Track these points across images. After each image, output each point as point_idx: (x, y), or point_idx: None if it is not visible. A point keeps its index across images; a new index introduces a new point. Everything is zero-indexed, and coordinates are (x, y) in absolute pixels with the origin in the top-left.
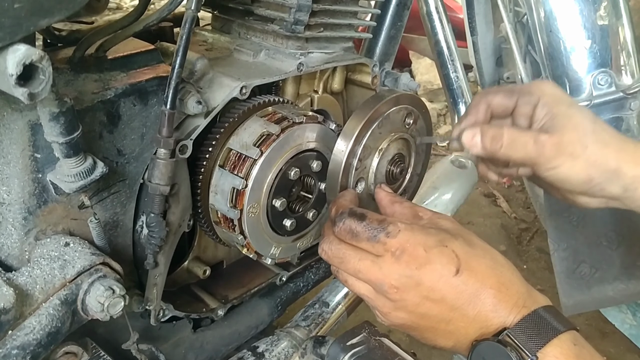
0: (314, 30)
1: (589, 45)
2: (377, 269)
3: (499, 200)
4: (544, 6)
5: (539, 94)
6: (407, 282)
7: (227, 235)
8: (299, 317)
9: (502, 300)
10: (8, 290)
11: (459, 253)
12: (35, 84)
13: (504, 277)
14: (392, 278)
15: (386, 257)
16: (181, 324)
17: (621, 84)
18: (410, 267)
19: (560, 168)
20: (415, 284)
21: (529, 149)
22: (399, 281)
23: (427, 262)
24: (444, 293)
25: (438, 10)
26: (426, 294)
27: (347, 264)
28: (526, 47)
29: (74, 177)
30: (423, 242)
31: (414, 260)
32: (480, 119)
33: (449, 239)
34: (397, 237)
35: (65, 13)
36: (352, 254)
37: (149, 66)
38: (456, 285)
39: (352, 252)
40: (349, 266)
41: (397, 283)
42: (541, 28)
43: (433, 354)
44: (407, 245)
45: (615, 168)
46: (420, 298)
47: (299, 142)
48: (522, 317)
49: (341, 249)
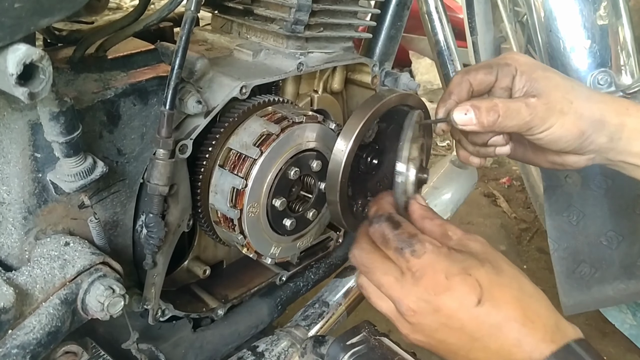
0: (314, 30)
1: (589, 45)
2: (399, 287)
3: (499, 200)
4: (544, 6)
5: (515, 64)
6: (424, 306)
7: (227, 235)
8: (299, 317)
9: (527, 335)
10: (8, 290)
11: (483, 282)
12: (35, 84)
13: (530, 309)
14: (410, 300)
15: (407, 277)
16: (181, 324)
17: (621, 84)
18: (428, 292)
19: (554, 127)
20: (433, 310)
21: (523, 115)
22: (416, 304)
23: (446, 289)
24: (463, 323)
25: (438, 10)
26: (444, 321)
27: (373, 274)
28: (526, 47)
29: (74, 176)
30: (446, 268)
31: (434, 286)
32: (463, 97)
33: (474, 266)
34: (421, 257)
35: (65, 13)
36: (379, 266)
37: (149, 66)
38: (477, 315)
39: (379, 265)
40: (373, 277)
41: (415, 306)
42: (541, 28)
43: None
44: (428, 269)
45: (600, 118)
46: (439, 324)
47: (298, 142)
48: (550, 352)
49: (370, 258)
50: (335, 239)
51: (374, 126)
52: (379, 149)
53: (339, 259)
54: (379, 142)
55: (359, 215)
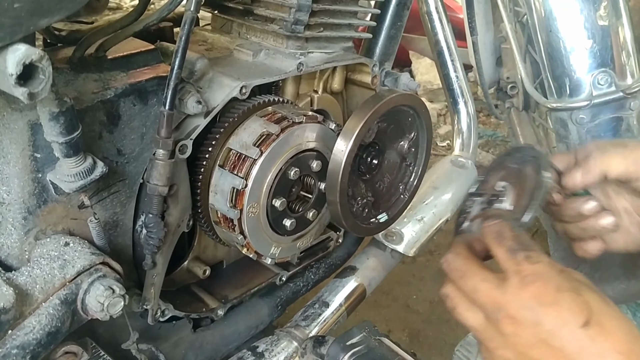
0: (314, 30)
1: (589, 45)
2: (499, 293)
3: None
4: (544, 6)
5: None
6: (526, 316)
7: (227, 235)
8: (299, 317)
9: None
10: (8, 290)
11: (593, 306)
12: (35, 84)
13: (637, 344)
14: (512, 306)
15: (512, 281)
16: (181, 324)
17: (621, 84)
18: (535, 301)
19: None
20: (535, 322)
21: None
22: (518, 312)
23: (554, 303)
24: (564, 343)
25: (438, 10)
26: (544, 337)
27: (468, 279)
28: (526, 47)
29: (73, 176)
30: (558, 282)
31: (541, 296)
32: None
33: (586, 289)
34: (534, 265)
35: (65, 13)
36: (477, 272)
37: (149, 66)
38: (580, 338)
39: (477, 270)
40: (468, 282)
41: (516, 314)
42: (541, 28)
43: (433, 354)
44: (539, 278)
45: None
46: (536, 340)
47: (298, 142)
48: None
49: (467, 263)
50: (335, 239)
51: (374, 126)
52: (379, 149)
53: (339, 259)
54: (379, 142)
55: (359, 215)
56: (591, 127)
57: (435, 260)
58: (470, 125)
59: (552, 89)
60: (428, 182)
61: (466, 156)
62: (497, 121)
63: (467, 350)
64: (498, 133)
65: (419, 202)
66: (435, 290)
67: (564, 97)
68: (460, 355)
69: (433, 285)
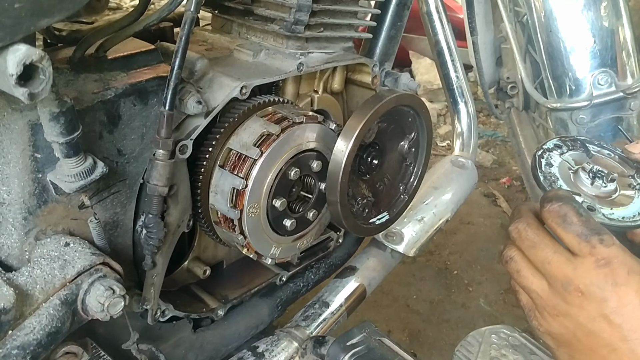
0: (314, 30)
1: (589, 45)
2: (571, 267)
3: (499, 200)
4: (544, 6)
5: None
6: (595, 292)
7: (227, 235)
8: (299, 317)
9: None
10: (8, 290)
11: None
12: (35, 84)
13: None
14: (583, 282)
15: (587, 261)
16: (181, 324)
17: (621, 84)
18: (606, 281)
19: None
20: (602, 299)
21: None
22: (588, 288)
23: (624, 284)
24: (624, 319)
25: (438, 10)
26: (607, 313)
27: (539, 250)
28: (526, 47)
29: (74, 177)
30: (630, 264)
31: (613, 277)
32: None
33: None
34: (609, 247)
35: (65, 13)
36: (549, 243)
37: (149, 66)
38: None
39: (549, 242)
40: (539, 253)
41: (585, 289)
42: (541, 28)
43: (433, 354)
44: (614, 260)
45: None
46: (598, 314)
47: (299, 142)
48: None
49: (540, 234)
50: (335, 239)
51: (374, 126)
52: (380, 149)
53: (339, 259)
54: (380, 142)
55: (359, 215)
56: (591, 127)
57: (435, 260)
58: (470, 125)
59: (552, 89)
60: (428, 182)
61: (466, 156)
62: (497, 121)
63: (467, 350)
64: (498, 133)
65: (419, 202)
66: (435, 290)
67: (564, 97)
68: (460, 355)
69: (433, 285)
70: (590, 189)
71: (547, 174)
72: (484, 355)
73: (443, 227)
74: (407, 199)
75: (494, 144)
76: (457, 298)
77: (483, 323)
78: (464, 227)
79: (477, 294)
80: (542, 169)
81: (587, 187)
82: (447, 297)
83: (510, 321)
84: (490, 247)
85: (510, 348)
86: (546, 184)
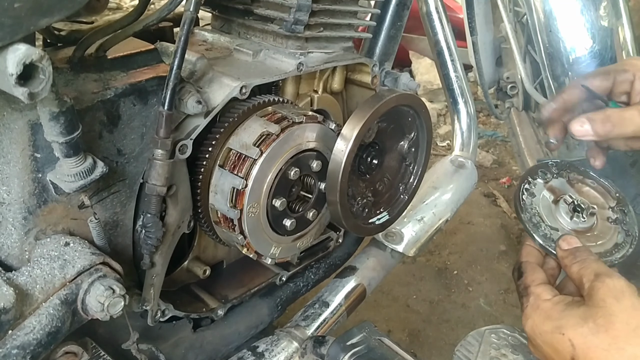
0: (314, 30)
1: (589, 45)
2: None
3: (499, 200)
4: (544, 6)
5: (632, 70)
6: (529, 336)
7: (227, 235)
8: (299, 317)
9: None
10: (8, 290)
11: (577, 343)
12: (35, 84)
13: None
14: (526, 325)
15: None
16: (181, 324)
17: None
18: (530, 333)
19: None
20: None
21: (637, 121)
22: (528, 330)
23: (540, 345)
24: None
25: (438, 10)
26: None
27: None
28: (526, 47)
29: (74, 176)
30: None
31: (531, 336)
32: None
33: (572, 325)
34: (524, 310)
35: (65, 13)
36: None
37: (149, 66)
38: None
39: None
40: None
41: (528, 330)
42: (541, 28)
43: (433, 353)
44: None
45: None
46: None
47: (298, 142)
48: None
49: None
50: (335, 239)
51: (374, 126)
52: (379, 149)
53: (339, 259)
54: (379, 142)
55: (359, 215)
56: None
57: (435, 260)
58: (470, 125)
59: (552, 89)
60: (428, 182)
61: (466, 156)
62: (497, 121)
63: (467, 350)
64: (498, 133)
65: (419, 202)
66: (435, 290)
67: None
68: (460, 355)
69: (433, 285)
70: (569, 224)
71: (528, 207)
72: (483, 355)
73: (443, 227)
74: (407, 199)
75: (494, 144)
76: (457, 298)
77: (483, 323)
78: (464, 227)
79: (477, 294)
80: (525, 200)
81: (566, 222)
82: (447, 297)
83: (510, 321)
84: (490, 247)
85: (510, 348)
86: (526, 217)
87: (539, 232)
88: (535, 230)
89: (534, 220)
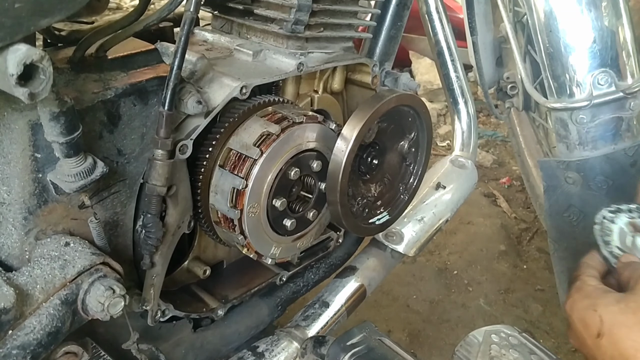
0: (314, 30)
1: (589, 45)
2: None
3: (499, 200)
4: (544, 6)
5: None
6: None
7: (227, 235)
8: (299, 317)
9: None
10: (8, 290)
11: (605, 319)
12: (35, 84)
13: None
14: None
15: None
16: (181, 324)
17: (621, 84)
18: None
19: None
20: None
21: None
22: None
23: (574, 322)
24: (588, 351)
25: (438, 10)
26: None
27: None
28: (526, 47)
29: (74, 177)
30: (576, 302)
31: (568, 313)
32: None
33: (605, 304)
34: (569, 292)
35: (65, 13)
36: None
37: (149, 66)
38: (598, 346)
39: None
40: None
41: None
42: (541, 28)
43: (433, 353)
44: (569, 302)
45: None
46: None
47: (299, 142)
48: None
49: None
50: (335, 239)
51: (374, 126)
52: (380, 149)
53: (339, 259)
54: (380, 142)
55: (359, 215)
56: (591, 127)
57: (435, 260)
58: (470, 125)
59: (552, 89)
60: (428, 182)
61: (466, 156)
62: (497, 121)
63: (467, 350)
64: (498, 133)
65: (419, 202)
66: (435, 290)
67: (564, 97)
68: (460, 355)
69: (433, 285)
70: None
71: (606, 228)
72: (483, 355)
73: (443, 227)
74: (407, 199)
75: (494, 144)
76: (457, 298)
77: (483, 323)
78: (464, 227)
79: (477, 294)
80: (604, 222)
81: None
82: (447, 297)
83: (510, 321)
84: (490, 247)
85: (510, 348)
86: (599, 231)
87: (607, 249)
88: (605, 246)
89: (606, 238)
